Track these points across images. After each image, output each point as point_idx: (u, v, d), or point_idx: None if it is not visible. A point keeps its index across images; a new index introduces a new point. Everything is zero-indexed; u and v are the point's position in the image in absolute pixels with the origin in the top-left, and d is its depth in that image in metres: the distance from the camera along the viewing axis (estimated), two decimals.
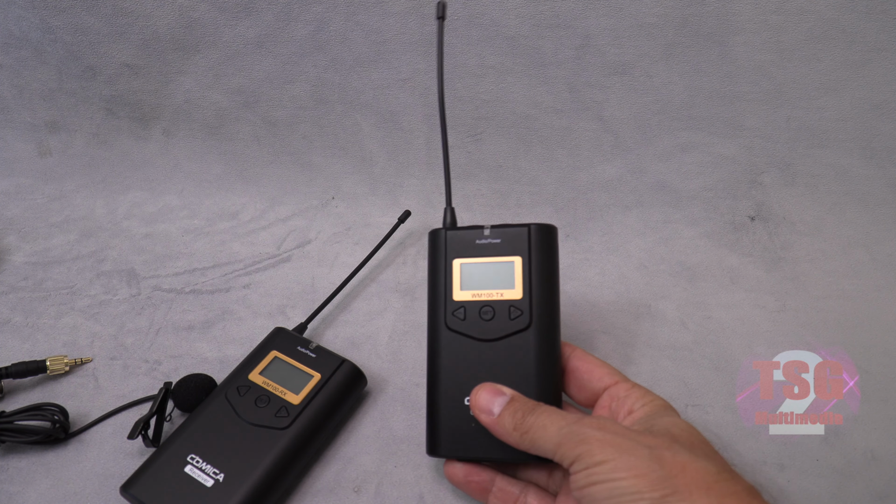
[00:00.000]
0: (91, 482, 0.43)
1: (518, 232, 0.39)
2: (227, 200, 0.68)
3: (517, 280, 0.39)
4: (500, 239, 0.39)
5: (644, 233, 0.62)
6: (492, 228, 0.40)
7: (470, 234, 0.40)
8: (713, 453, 0.32)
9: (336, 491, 0.42)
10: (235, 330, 0.54)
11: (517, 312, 0.38)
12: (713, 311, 0.54)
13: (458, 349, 0.39)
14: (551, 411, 0.34)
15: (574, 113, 0.65)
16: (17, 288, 0.58)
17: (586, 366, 0.39)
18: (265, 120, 0.69)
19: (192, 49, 0.66)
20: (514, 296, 0.38)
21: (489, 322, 0.38)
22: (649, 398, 0.36)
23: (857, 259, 0.59)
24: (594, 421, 0.32)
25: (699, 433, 0.33)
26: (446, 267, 0.40)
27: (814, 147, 0.63)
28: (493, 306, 0.39)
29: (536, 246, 0.39)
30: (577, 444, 0.30)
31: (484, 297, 0.39)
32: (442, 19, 0.41)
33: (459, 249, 0.40)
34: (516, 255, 0.39)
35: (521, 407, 0.34)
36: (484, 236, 0.40)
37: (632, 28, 0.61)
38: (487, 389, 0.36)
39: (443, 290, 0.40)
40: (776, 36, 0.60)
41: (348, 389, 0.46)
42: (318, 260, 0.61)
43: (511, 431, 0.34)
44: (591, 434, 0.30)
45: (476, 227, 0.41)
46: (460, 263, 0.40)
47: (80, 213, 0.67)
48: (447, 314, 0.39)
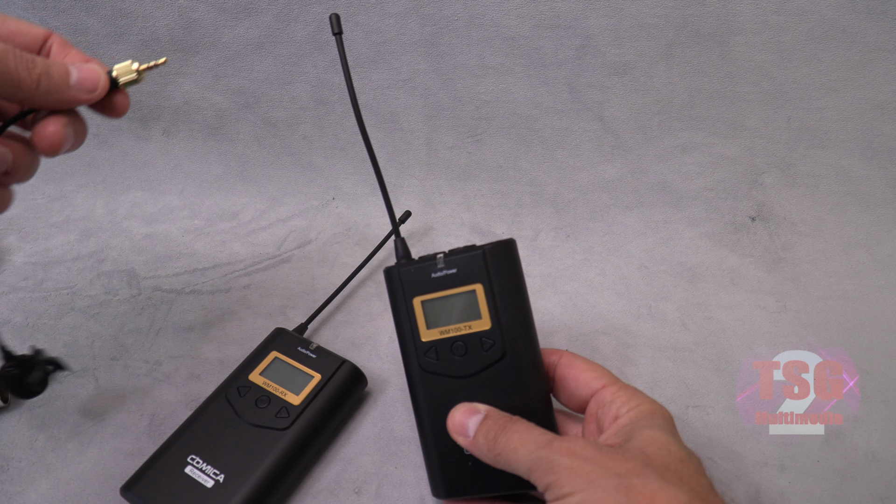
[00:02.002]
0: (91, 482, 0.43)
1: (472, 257, 0.36)
2: (227, 201, 0.68)
3: (482, 309, 0.36)
4: (455, 269, 0.37)
5: (644, 233, 0.62)
6: (445, 258, 0.37)
7: (424, 269, 0.37)
8: (691, 475, 0.30)
9: (336, 492, 0.42)
10: (236, 330, 0.54)
11: (489, 343, 0.36)
12: (714, 312, 0.54)
13: (438, 390, 0.37)
14: (523, 431, 0.33)
15: (574, 113, 0.65)
16: (17, 288, 0.58)
17: (573, 373, 0.38)
18: (265, 120, 0.69)
19: (191, 50, 0.66)
20: (482, 326, 0.36)
21: (463, 358, 0.37)
22: (635, 402, 0.35)
23: (858, 259, 0.59)
24: (564, 445, 0.31)
25: (679, 449, 0.31)
26: (407, 307, 0.38)
27: (814, 147, 0.63)
28: (464, 341, 0.37)
29: (494, 268, 0.36)
30: (546, 473, 0.30)
31: (452, 332, 0.37)
32: (339, 34, 0.38)
33: (416, 287, 0.37)
34: (475, 282, 0.36)
35: (494, 426, 0.33)
36: (438, 269, 0.37)
37: (632, 28, 0.61)
38: (462, 410, 0.35)
39: (409, 333, 0.38)
40: (777, 36, 0.60)
41: (349, 390, 0.45)
42: (319, 260, 0.61)
43: (486, 453, 0.33)
44: (560, 462, 0.30)
45: (429, 259, 0.38)
46: (421, 301, 0.37)
47: (81, 213, 0.67)
48: (419, 357, 0.38)
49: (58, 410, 0.47)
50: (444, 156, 0.68)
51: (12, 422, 0.47)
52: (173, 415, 0.47)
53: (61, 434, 0.46)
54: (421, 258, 0.39)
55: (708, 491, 0.30)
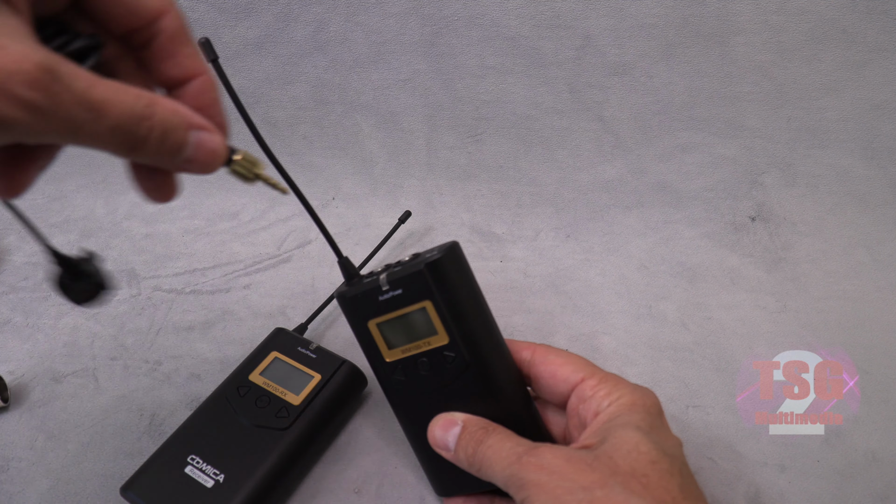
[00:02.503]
0: (91, 482, 0.43)
1: (414, 276, 0.35)
2: (227, 200, 0.68)
3: (436, 325, 0.35)
4: (400, 289, 0.36)
5: (644, 233, 0.62)
6: (388, 278, 0.36)
7: (371, 293, 0.36)
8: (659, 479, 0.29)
9: (336, 492, 0.42)
10: (236, 330, 0.54)
11: (451, 356, 0.36)
12: (714, 312, 0.54)
13: (414, 404, 0.38)
14: (497, 444, 0.33)
15: (574, 113, 0.65)
16: (17, 288, 0.58)
17: (548, 369, 0.37)
18: (265, 120, 0.69)
19: None
20: (440, 341, 0.36)
21: (429, 373, 0.37)
22: (615, 395, 0.34)
23: (858, 260, 0.58)
24: (533, 461, 0.31)
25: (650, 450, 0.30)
26: (366, 332, 0.38)
27: (814, 147, 0.63)
28: (427, 356, 0.36)
29: (438, 282, 0.35)
30: (519, 489, 0.30)
31: (413, 350, 0.37)
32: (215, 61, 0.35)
33: (368, 311, 0.37)
34: (423, 299, 0.35)
35: (471, 438, 0.34)
36: (384, 291, 0.36)
37: (632, 28, 0.61)
38: (440, 424, 0.36)
39: (374, 355, 0.38)
40: (777, 36, 0.60)
41: (349, 390, 0.46)
42: (319, 260, 0.61)
43: (468, 468, 0.34)
44: (531, 478, 0.30)
45: (371, 278, 0.37)
46: (376, 324, 0.37)
47: (81, 213, 0.67)
48: (388, 377, 0.38)
49: (58, 410, 0.47)
50: (444, 156, 0.68)
51: (12, 422, 0.47)
52: (173, 415, 0.47)
53: (61, 434, 0.46)
54: (367, 276, 0.38)
55: (676, 495, 0.29)
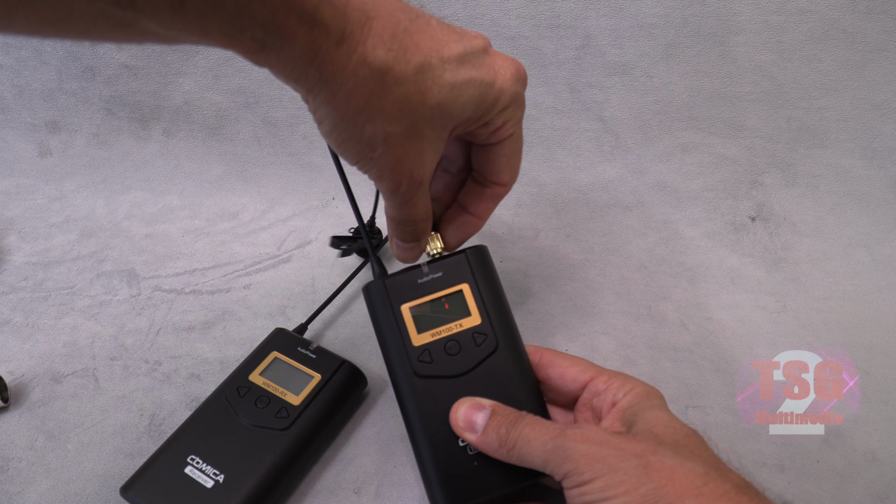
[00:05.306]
0: (91, 482, 0.43)
1: (456, 260, 0.39)
2: (227, 201, 0.68)
3: (471, 306, 0.38)
4: (440, 272, 0.39)
5: (644, 233, 0.62)
6: (430, 265, 0.39)
7: (410, 277, 0.39)
8: (699, 447, 0.31)
9: (336, 492, 0.42)
10: (235, 330, 0.54)
11: (482, 337, 0.38)
12: (713, 312, 0.54)
13: (435, 393, 0.37)
14: (534, 423, 0.33)
15: (574, 113, 0.65)
16: (17, 288, 0.58)
17: (557, 371, 0.38)
18: (265, 120, 0.69)
19: (191, 50, 0.66)
20: (473, 322, 0.38)
21: (458, 356, 0.37)
22: (629, 385, 0.35)
23: (858, 260, 0.59)
24: (578, 432, 0.31)
25: (682, 426, 0.32)
26: (396, 316, 0.38)
27: (814, 147, 0.63)
28: (457, 339, 0.38)
29: (478, 268, 0.39)
30: (563, 461, 0.30)
31: (444, 332, 0.38)
32: None
33: (403, 294, 0.39)
34: (462, 282, 0.39)
35: (504, 420, 0.34)
36: (424, 274, 0.39)
37: (632, 28, 0.61)
38: (466, 405, 0.35)
39: (399, 341, 0.38)
40: (777, 36, 0.60)
41: (349, 390, 0.46)
42: (319, 260, 0.61)
43: (498, 448, 0.33)
44: (576, 449, 0.30)
45: (412, 269, 0.40)
46: (409, 308, 0.39)
47: (81, 214, 0.67)
48: (413, 362, 0.38)
49: (58, 410, 0.47)
50: None
51: (12, 422, 0.47)
52: (173, 415, 0.47)
53: (61, 434, 0.46)
54: (403, 269, 0.40)
55: (719, 461, 0.30)
